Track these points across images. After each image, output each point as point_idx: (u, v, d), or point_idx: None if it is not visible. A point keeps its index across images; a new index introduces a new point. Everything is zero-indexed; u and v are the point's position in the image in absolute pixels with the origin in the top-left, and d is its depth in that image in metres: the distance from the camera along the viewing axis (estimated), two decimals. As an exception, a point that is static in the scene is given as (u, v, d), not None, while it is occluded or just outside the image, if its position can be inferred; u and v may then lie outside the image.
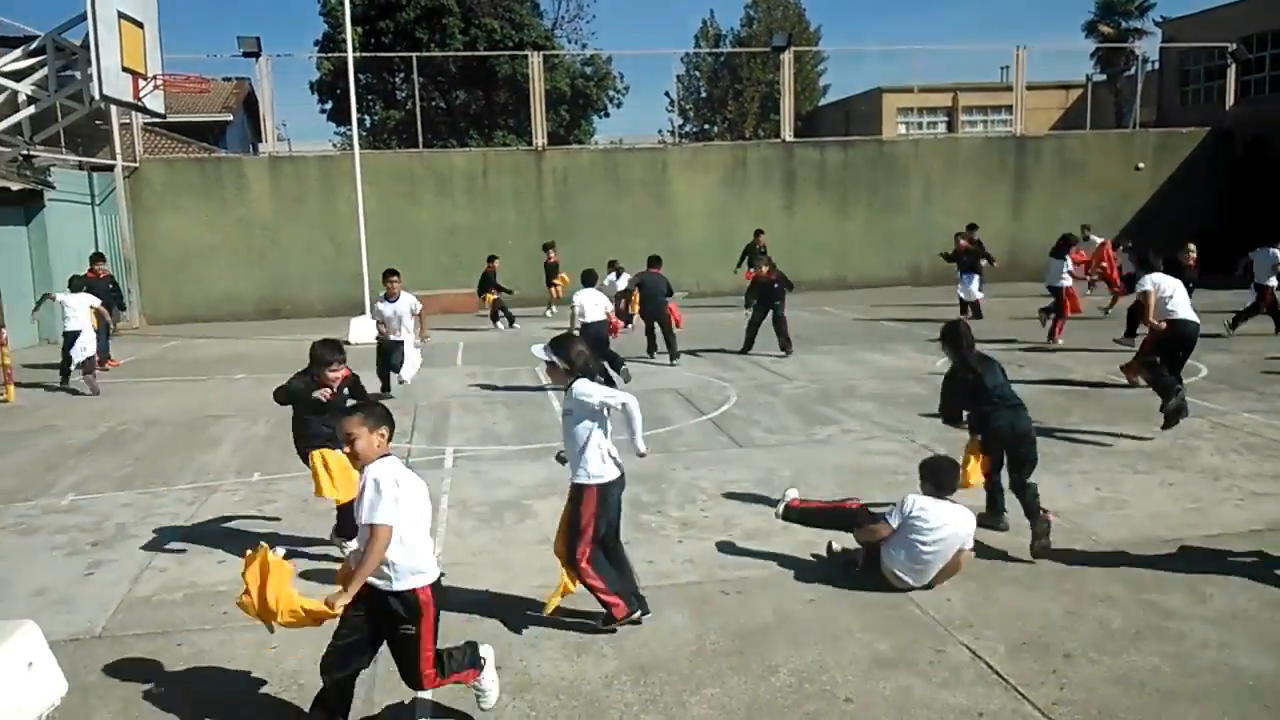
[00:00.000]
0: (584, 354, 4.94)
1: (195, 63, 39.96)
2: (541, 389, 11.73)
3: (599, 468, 4.87)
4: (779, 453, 8.47)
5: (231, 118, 32.24)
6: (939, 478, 5.51)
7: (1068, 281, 14.46)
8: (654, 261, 14.04)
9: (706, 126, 44.31)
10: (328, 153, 27.01)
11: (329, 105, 34.81)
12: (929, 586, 5.31)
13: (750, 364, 13.32)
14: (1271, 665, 4.44)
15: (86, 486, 8.02)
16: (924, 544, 5.25)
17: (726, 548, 6.10)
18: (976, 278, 17.30)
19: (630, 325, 15.41)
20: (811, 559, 5.82)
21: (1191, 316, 9.22)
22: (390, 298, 11.06)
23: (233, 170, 22.31)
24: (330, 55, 31.45)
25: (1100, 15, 37.33)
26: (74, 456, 9.09)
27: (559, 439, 9.02)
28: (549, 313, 20.11)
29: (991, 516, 6.30)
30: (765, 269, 14.30)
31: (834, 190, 24.13)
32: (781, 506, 5.95)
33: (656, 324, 13.72)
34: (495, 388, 12.13)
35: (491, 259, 19.03)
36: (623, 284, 17.42)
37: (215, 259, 21.25)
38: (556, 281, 20.10)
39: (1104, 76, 35.59)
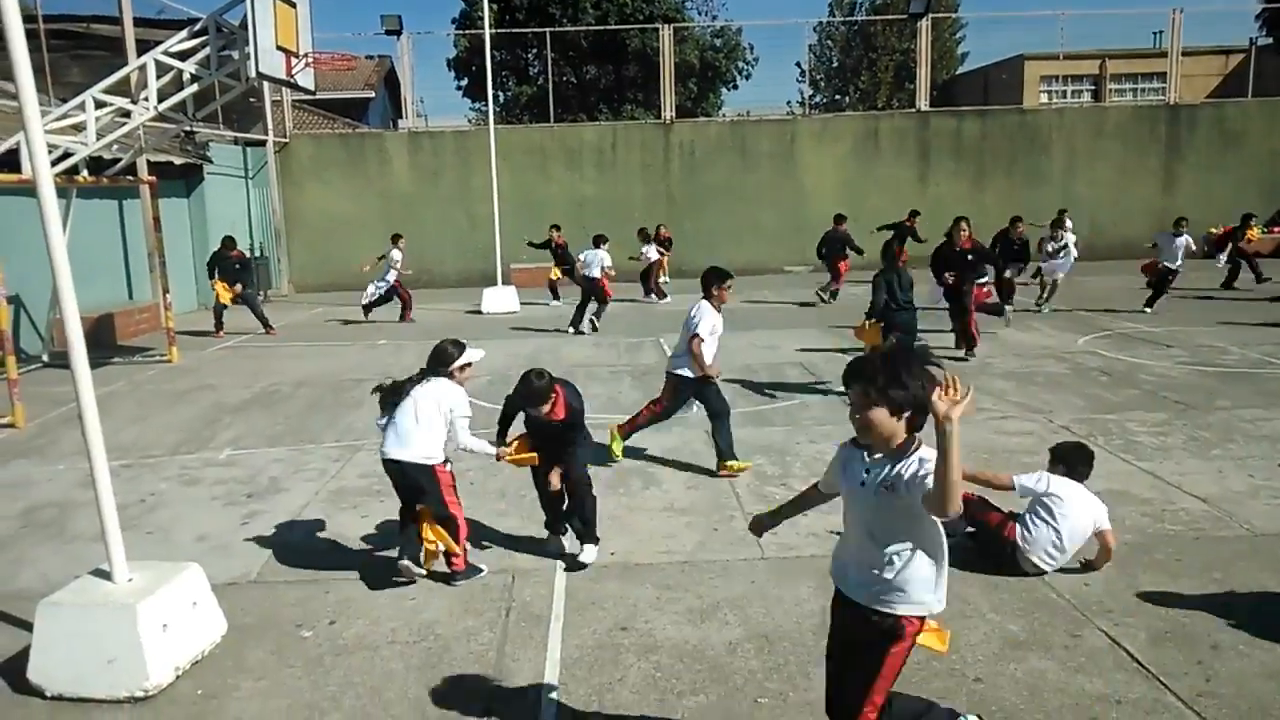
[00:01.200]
0: None
1: (341, 41, 41.50)
2: (665, 357, 11.83)
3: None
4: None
5: (374, 94, 33.51)
6: (1071, 460, 5.41)
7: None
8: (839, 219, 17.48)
9: (838, 97, 43.27)
10: (463, 128, 27.72)
11: (465, 82, 35.68)
12: (1083, 568, 5.16)
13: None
14: None
15: (242, 442, 8.58)
16: (1056, 525, 5.10)
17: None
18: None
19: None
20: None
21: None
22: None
23: (375, 145, 23.22)
24: (467, 33, 32.20)
25: (1268, -27, 34.44)
26: (230, 414, 9.73)
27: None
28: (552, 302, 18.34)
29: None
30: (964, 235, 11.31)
31: (970, 161, 23.27)
32: None
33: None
34: (619, 358, 12.30)
35: (555, 228, 18.09)
36: (652, 253, 17.66)
37: (358, 230, 22.18)
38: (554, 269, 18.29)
39: (1270, 40, 32.84)
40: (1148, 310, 14.30)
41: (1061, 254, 15.04)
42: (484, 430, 6.20)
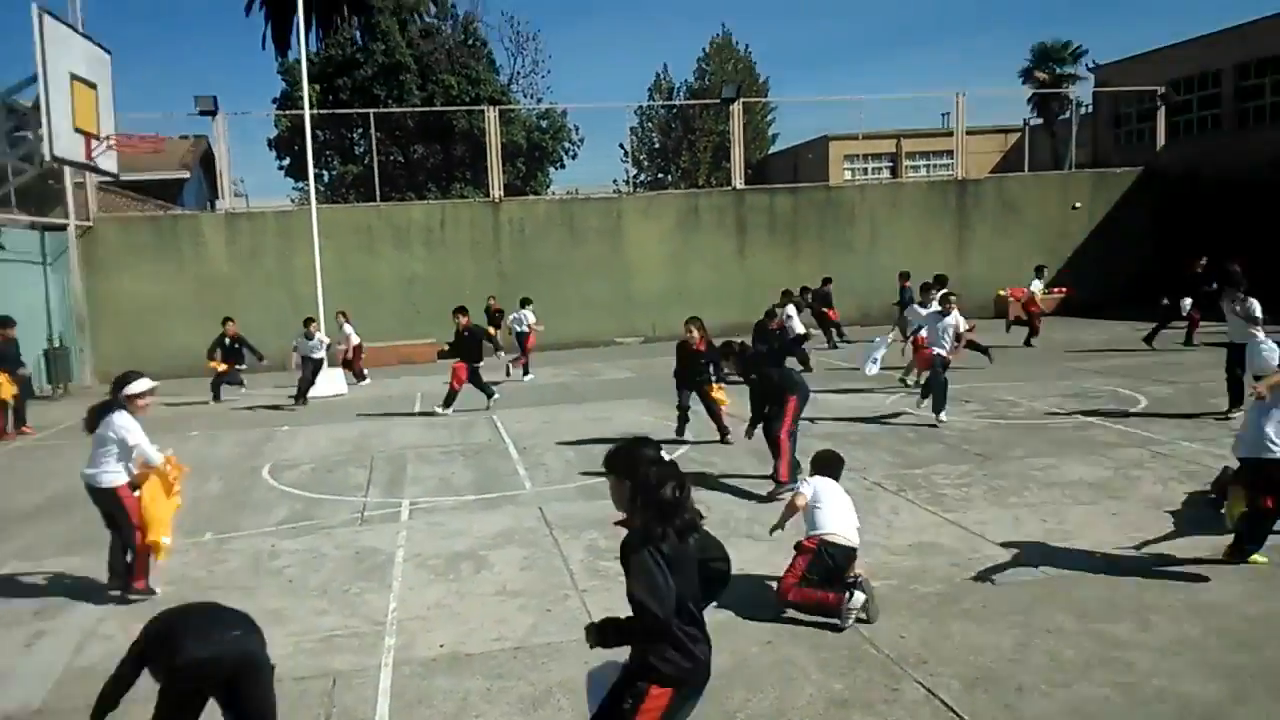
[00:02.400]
0: None
1: (152, 121, 39.84)
2: (499, 436, 11.73)
3: None
4: (735, 493, 8.53)
5: (189, 175, 32.11)
6: (831, 465, 6.27)
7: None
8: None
9: (660, 175, 44.92)
10: (285, 208, 26.95)
11: (286, 161, 34.85)
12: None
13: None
14: (1216, 691, 4.54)
15: (30, 553, 7.85)
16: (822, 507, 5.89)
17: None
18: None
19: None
20: (759, 605, 5.85)
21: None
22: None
23: (189, 227, 22.18)
24: (288, 113, 31.51)
25: (1035, 62, 38.71)
26: (17, 522, 8.89)
27: (515, 488, 9.08)
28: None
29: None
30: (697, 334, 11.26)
31: (784, 234, 24.59)
32: None
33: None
34: (453, 438, 12.09)
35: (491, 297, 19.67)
36: (531, 317, 18.20)
37: (171, 315, 21.00)
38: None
39: (1040, 120, 36.80)
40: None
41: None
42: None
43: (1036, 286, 18.99)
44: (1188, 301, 16.75)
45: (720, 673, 4.91)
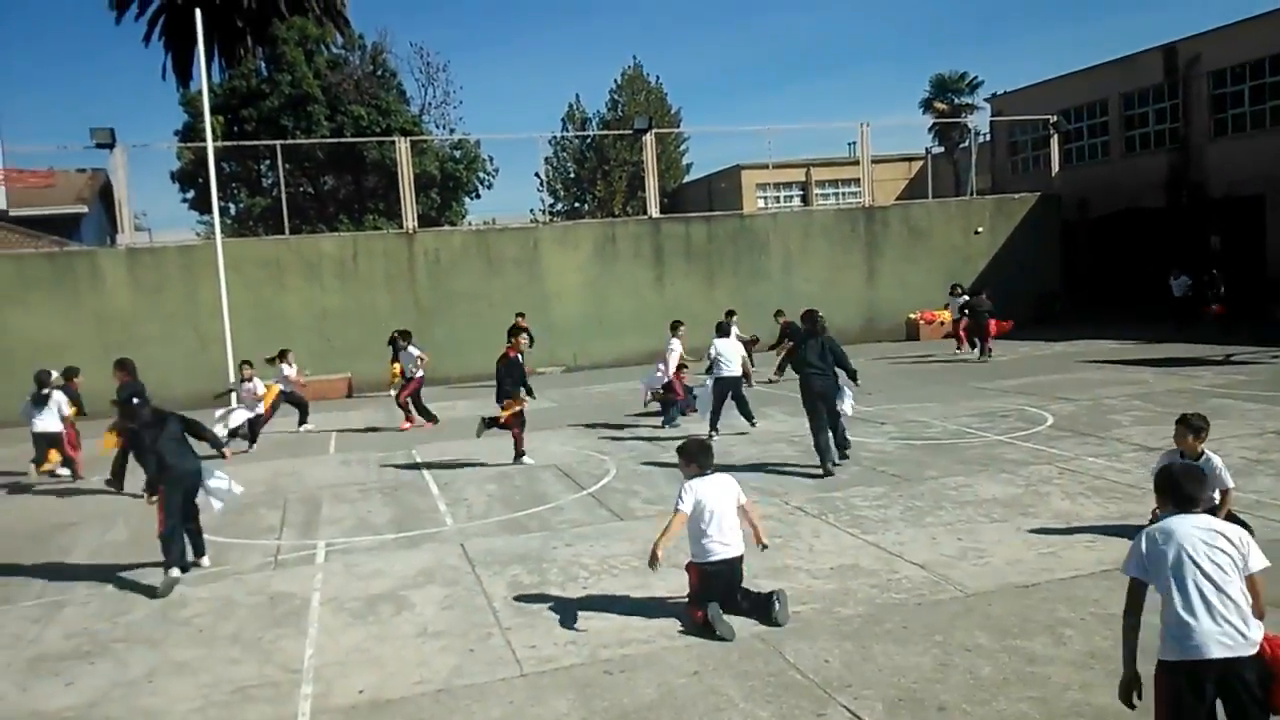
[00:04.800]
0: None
1: (47, 155, 38.32)
2: (419, 471, 11.50)
3: None
4: (658, 523, 8.50)
5: (87, 209, 30.90)
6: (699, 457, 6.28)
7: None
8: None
9: (577, 205, 45.08)
10: (189, 242, 26.09)
11: (191, 194, 33.84)
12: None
13: (629, 435, 13.41)
14: (1126, 700, 4.68)
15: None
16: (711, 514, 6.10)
17: (609, 625, 6.06)
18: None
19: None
20: (685, 632, 5.84)
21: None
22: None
23: (86, 263, 21.30)
24: (190, 145, 30.64)
25: (935, 93, 40.28)
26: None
27: (436, 525, 8.91)
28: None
29: None
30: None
31: (700, 262, 24.89)
32: None
33: None
34: (369, 475, 11.81)
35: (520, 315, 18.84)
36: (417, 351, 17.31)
37: (67, 355, 19.94)
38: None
39: (942, 149, 38.26)
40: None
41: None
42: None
43: (953, 305, 19.86)
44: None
45: (647, 705, 4.91)
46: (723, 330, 13.44)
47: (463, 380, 21.18)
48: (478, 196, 36.98)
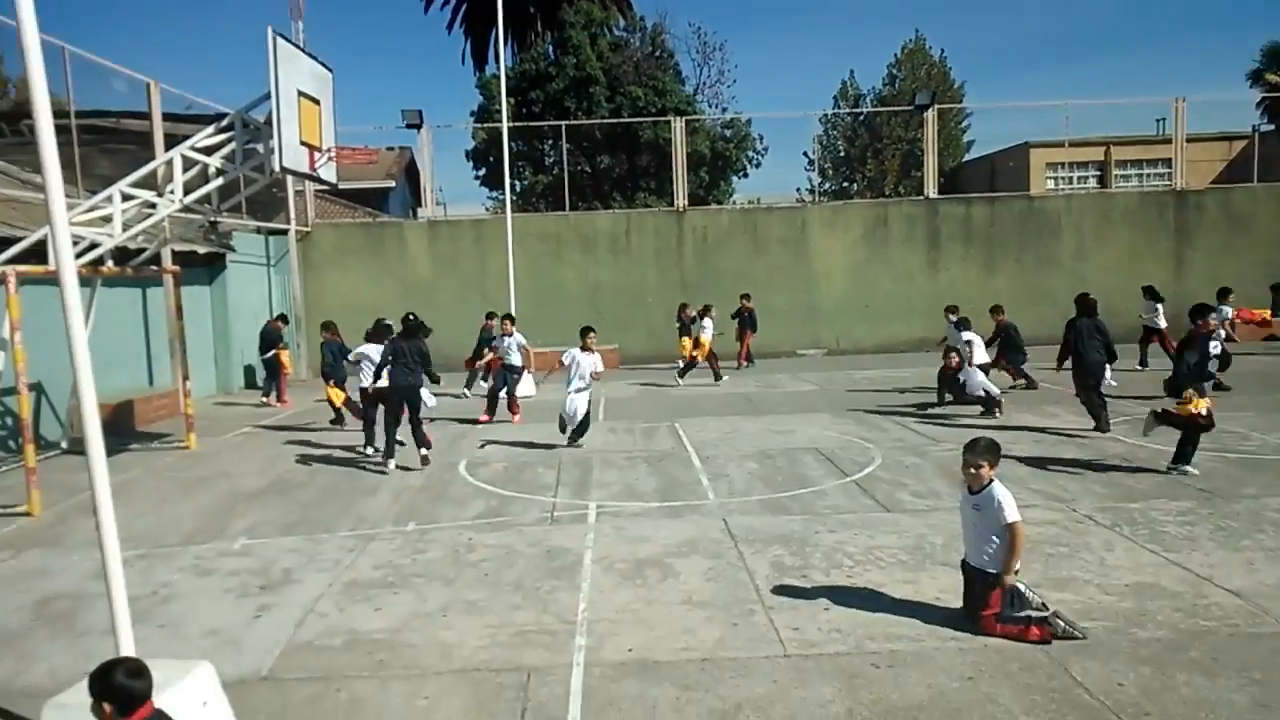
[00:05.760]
0: None
1: (363, 134, 42.77)
2: (683, 446, 11.79)
3: None
4: (928, 518, 8.18)
5: (394, 184, 34.31)
6: None
7: None
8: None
9: (845, 185, 44.01)
10: (481, 216, 28.27)
11: (482, 172, 36.59)
12: None
13: (895, 425, 12.99)
14: None
15: (256, 531, 8.52)
16: None
17: (875, 618, 5.90)
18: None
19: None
20: (958, 635, 5.55)
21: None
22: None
23: (394, 233, 23.67)
24: (485, 125, 33.07)
25: (1266, 64, 35.33)
26: (245, 501, 9.70)
27: (698, 498, 9.08)
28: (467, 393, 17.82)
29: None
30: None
31: (980, 247, 23.52)
32: None
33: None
34: (636, 444, 12.25)
35: (745, 297, 20.59)
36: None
37: (376, 315, 22.40)
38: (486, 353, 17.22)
39: (1272, 126, 33.54)
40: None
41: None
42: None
43: (1228, 311, 17.14)
44: None
45: (916, 704, 4.73)
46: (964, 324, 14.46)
47: (722, 357, 21.42)
48: (746, 175, 37.19)
